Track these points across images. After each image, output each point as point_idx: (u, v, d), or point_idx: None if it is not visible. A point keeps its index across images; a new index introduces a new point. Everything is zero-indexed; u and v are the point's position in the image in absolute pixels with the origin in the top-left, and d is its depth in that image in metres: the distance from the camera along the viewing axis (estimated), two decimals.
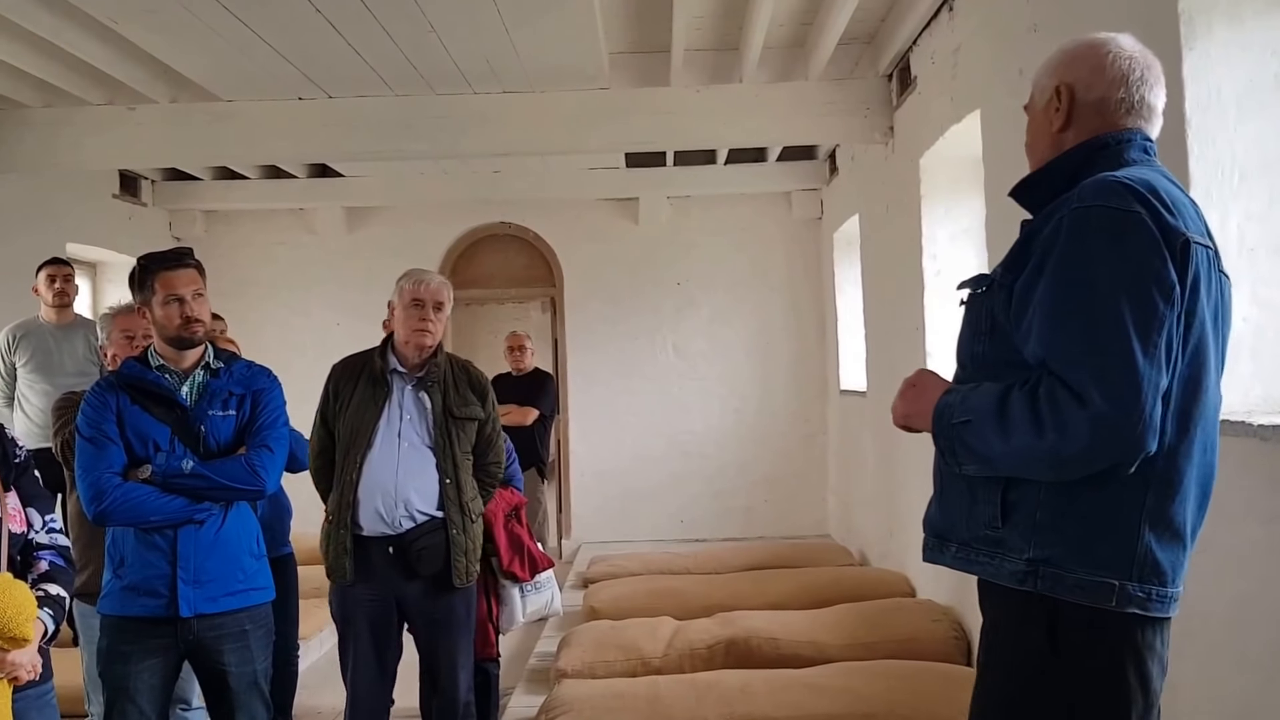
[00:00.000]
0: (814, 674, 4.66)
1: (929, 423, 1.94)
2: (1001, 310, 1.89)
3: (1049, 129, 2.00)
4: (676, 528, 9.38)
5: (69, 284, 5.93)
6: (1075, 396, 1.69)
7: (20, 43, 5.32)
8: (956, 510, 1.97)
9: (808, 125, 6.49)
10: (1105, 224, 1.75)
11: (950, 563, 2.00)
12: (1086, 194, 1.79)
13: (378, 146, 6.47)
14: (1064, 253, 1.77)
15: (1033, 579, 1.83)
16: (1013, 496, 1.86)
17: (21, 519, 2.77)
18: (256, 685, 3.34)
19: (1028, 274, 1.83)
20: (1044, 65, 2.05)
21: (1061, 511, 1.81)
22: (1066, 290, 1.76)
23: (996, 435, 1.80)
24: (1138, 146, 1.94)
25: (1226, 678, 2.67)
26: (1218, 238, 2.73)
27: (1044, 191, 1.97)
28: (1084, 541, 1.80)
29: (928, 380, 2.03)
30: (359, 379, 3.86)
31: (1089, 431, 1.69)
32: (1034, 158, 2.06)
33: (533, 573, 4.67)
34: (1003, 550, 1.87)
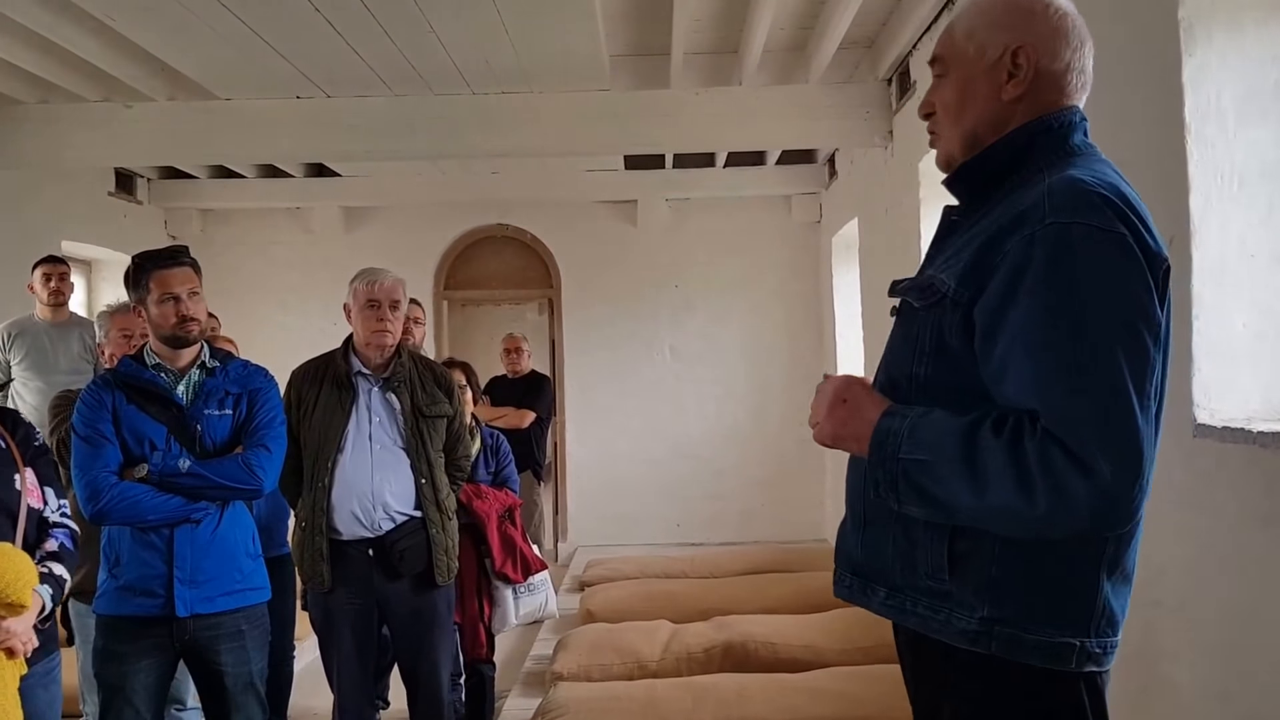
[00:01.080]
0: (811, 678, 4.66)
1: (864, 447, 1.66)
2: (955, 333, 1.64)
3: (995, 95, 1.72)
4: (673, 531, 9.37)
5: (64, 282, 5.92)
6: (1075, 461, 1.46)
7: (16, 38, 5.30)
8: (888, 550, 1.73)
9: (807, 129, 6.48)
10: (1090, 248, 1.52)
11: (879, 609, 1.76)
12: (1059, 206, 1.55)
13: (376, 146, 6.45)
14: (1045, 281, 1.52)
15: (986, 640, 1.61)
16: (962, 547, 1.64)
17: (39, 495, 2.84)
18: (252, 685, 3.34)
19: (993, 297, 1.58)
20: (978, 15, 1.75)
21: (1019, 566, 1.60)
22: (1054, 331, 1.51)
23: (965, 487, 1.54)
24: (1079, 129, 1.73)
25: (1226, 682, 2.67)
26: (1217, 244, 2.75)
27: (978, 180, 1.76)
28: (1044, 599, 1.61)
29: (860, 394, 1.73)
30: (322, 383, 3.84)
31: (1090, 504, 1.46)
32: (960, 128, 1.76)
33: (525, 575, 4.67)
34: (949, 605, 1.64)
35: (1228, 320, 2.73)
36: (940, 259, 1.75)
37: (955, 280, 1.64)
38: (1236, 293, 2.74)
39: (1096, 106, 3.25)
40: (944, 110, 1.79)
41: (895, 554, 1.72)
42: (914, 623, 1.70)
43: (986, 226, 1.66)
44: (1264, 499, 2.48)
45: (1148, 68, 2.98)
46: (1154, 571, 2.99)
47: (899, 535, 1.71)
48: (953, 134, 1.78)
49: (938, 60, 1.80)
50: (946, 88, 1.78)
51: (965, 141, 1.76)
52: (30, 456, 2.87)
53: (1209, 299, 2.74)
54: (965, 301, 1.62)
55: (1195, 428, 2.72)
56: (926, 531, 1.67)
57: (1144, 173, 3.00)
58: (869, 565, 1.77)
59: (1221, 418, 2.69)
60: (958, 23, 1.78)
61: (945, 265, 1.69)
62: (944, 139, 1.81)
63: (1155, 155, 2.94)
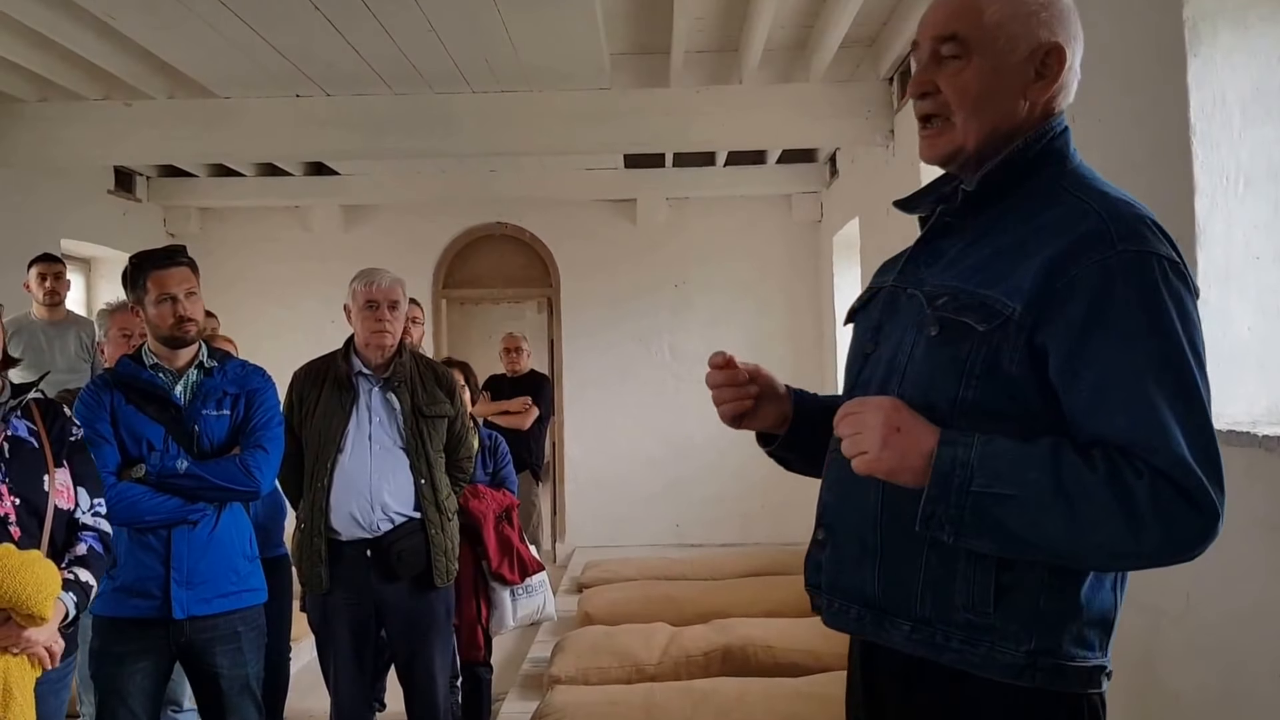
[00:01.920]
0: (811, 683, 4.64)
1: (922, 478, 1.53)
2: (1015, 357, 1.55)
3: (1020, 93, 1.64)
4: (672, 532, 9.35)
5: (59, 282, 5.90)
6: (1189, 500, 1.42)
7: (16, 36, 5.29)
8: (914, 582, 1.62)
9: (808, 127, 6.47)
10: (1170, 283, 1.49)
11: (902, 645, 1.64)
12: (1127, 233, 1.51)
13: (375, 145, 6.44)
14: (1140, 316, 1.48)
15: (1031, 673, 1.55)
16: (1008, 578, 1.56)
17: (70, 495, 2.80)
18: (249, 688, 3.33)
19: (1074, 326, 1.50)
20: (1008, 7, 1.63)
21: (1064, 596, 1.56)
22: (1158, 365, 1.47)
23: (1064, 525, 1.45)
24: (1071, 137, 1.68)
25: (1228, 689, 2.64)
26: (1222, 246, 2.73)
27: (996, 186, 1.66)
28: (1081, 626, 1.57)
29: (911, 421, 1.56)
30: (323, 384, 3.83)
31: (1200, 540, 1.44)
32: (981, 121, 1.65)
33: (522, 576, 4.66)
34: (991, 639, 1.56)
35: (1233, 323, 2.71)
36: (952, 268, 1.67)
37: (1021, 303, 1.54)
38: (1241, 295, 2.72)
39: (1101, 106, 3.25)
40: (960, 96, 1.65)
41: (925, 586, 1.61)
42: (948, 658, 1.60)
43: (1020, 240, 1.59)
44: (1269, 504, 2.46)
45: (1152, 67, 2.96)
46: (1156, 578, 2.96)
47: (933, 566, 1.61)
48: (970, 124, 1.65)
49: (956, 39, 1.64)
50: (966, 72, 1.64)
51: (981, 138, 1.66)
52: (65, 453, 2.83)
53: (1214, 302, 2.71)
54: (1029, 326, 1.54)
55: None
56: (969, 564, 1.58)
57: (1148, 174, 2.99)
58: (887, 598, 1.66)
59: (1226, 421, 2.67)
60: (986, 6, 1.64)
61: (984, 280, 1.60)
62: (958, 128, 1.67)
63: (1160, 156, 2.92)
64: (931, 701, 1.66)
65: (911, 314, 1.69)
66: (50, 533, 2.73)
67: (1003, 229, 1.62)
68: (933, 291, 1.66)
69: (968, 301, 1.60)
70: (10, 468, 2.69)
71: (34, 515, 2.69)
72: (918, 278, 1.71)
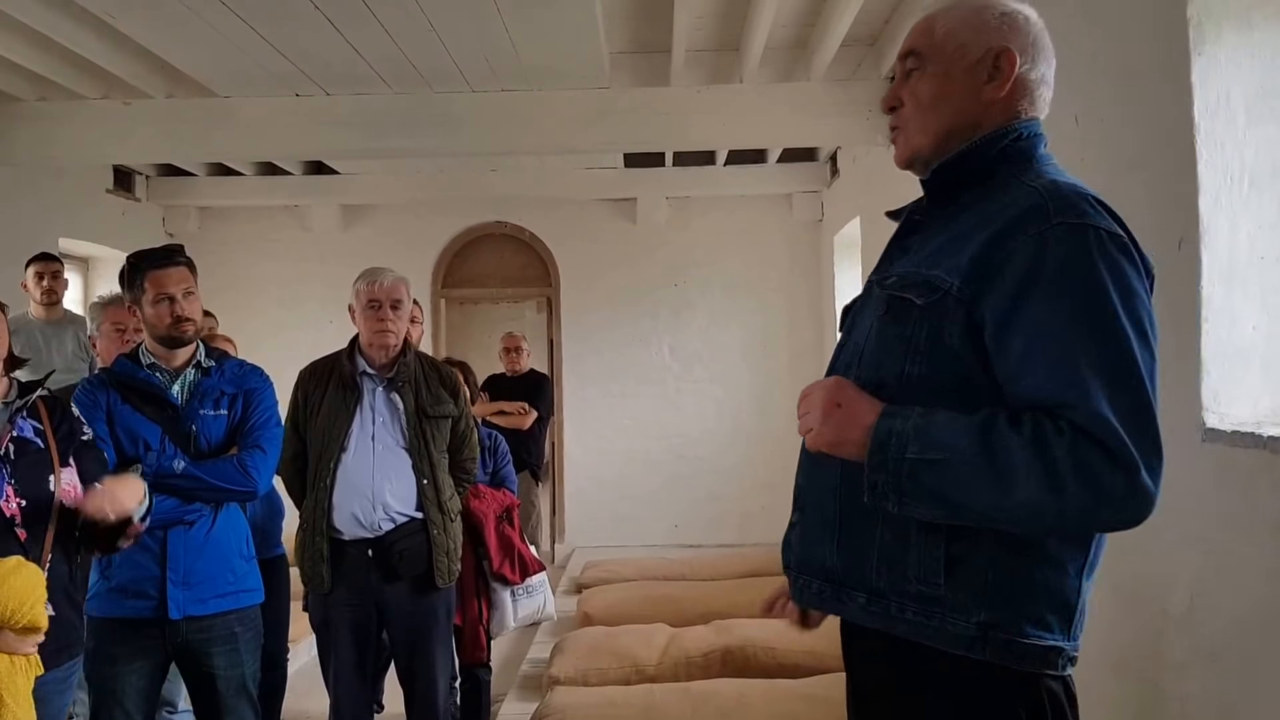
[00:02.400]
0: (812, 684, 4.61)
1: (862, 450, 1.62)
2: (956, 330, 1.63)
3: (974, 95, 1.74)
4: (671, 533, 9.34)
5: (57, 281, 5.89)
6: (1107, 454, 1.47)
7: (15, 36, 5.28)
8: (869, 554, 1.70)
9: (809, 127, 6.45)
10: (1101, 248, 1.56)
11: (858, 616, 1.73)
12: (1064, 208, 1.59)
13: (375, 144, 6.42)
14: (1062, 279, 1.55)
15: (981, 645, 1.61)
16: (958, 549, 1.62)
17: (76, 495, 2.79)
18: (245, 689, 3.32)
19: (1006, 296, 1.58)
20: (961, 16, 1.77)
21: (1014, 571, 1.61)
22: (1083, 331, 1.53)
23: (989, 485, 1.52)
24: (1043, 141, 1.77)
25: (1234, 694, 2.63)
26: (1226, 245, 2.72)
27: (954, 179, 1.76)
28: (1036, 603, 1.62)
29: (854, 397, 1.67)
30: (328, 383, 3.83)
31: (1124, 499, 1.48)
32: (934, 123, 1.77)
33: (523, 576, 4.65)
34: (942, 610, 1.63)
35: (1237, 323, 2.70)
36: (911, 257, 1.76)
37: (959, 278, 1.63)
38: (1246, 295, 2.70)
39: (1104, 105, 3.23)
40: (915, 104, 1.79)
41: (880, 558, 1.69)
42: (902, 629, 1.67)
43: (970, 227, 1.67)
44: (1274, 505, 2.44)
45: (1156, 66, 2.95)
46: (1160, 580, 2.96)
47: (886, 539, 1.68)
48: (923, 127, 1.78)
49: (912, 54, 1.80)
50: (921, 82, 1.78)
51: (937, 138, 1.77)
52: (73, 452, 2.83)
53: (1218, 301, 2.70)
54: (967, 300, 1.62)
55: (1204, 432, 2.68)
56: (920, 535, 1.64)
57: (1152, 173, 2.97)
58: (846, 571, 1.74)
59: (1231, 422, 2.66)
60: (937, 21, 1.78)
61: (932, 263, 1.69)
62: (911, 132, 1.80)
63: (1163, 155, 2.90)
64: (898, 676, 1.72)
65: (873, 302, 1.80)
66: (56, 532, 2.73)
67: (960, 220, 1.71)
68: (883, 277, 1.78)
69: (912, 280, 1.70)
70: (16, 468, 2.69)
71: (40, 515, 2.70)
72: (887, 272, 1.80)
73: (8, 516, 2.64)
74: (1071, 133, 3.44)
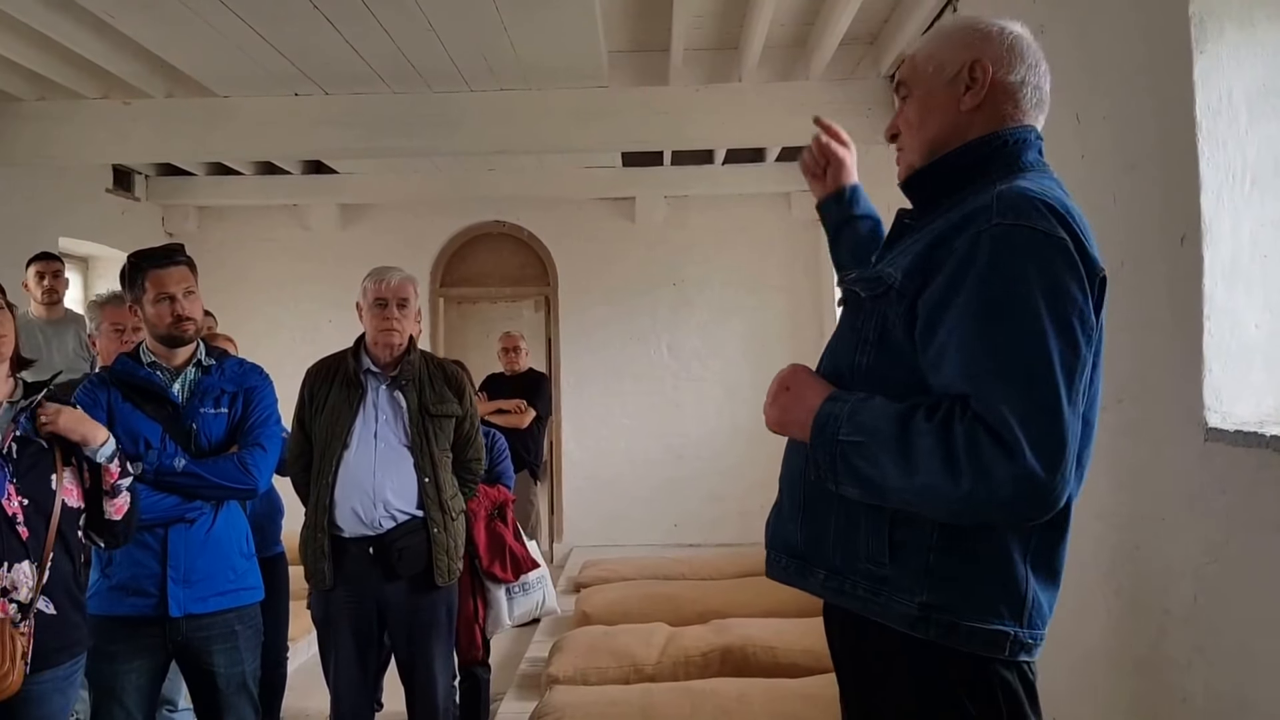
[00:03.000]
0: (812, 684, 4.61)
1: (807, 432, 1.75)
2: (899, 323, 1.72)
3: (954, 107, 1.82)
4: (670, 532, 9.33)
5: (58, 280, 5.88)
6: (1000, 445, 1.53)
7: (15, 35, 5.27)
8: (828, 534, 1.81)
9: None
10: (1032, 249, 1.61)
11: (818, 591, 1.84)
12: (1006, 209, 1.65)
13: (374, 144, 6.41)
14: (987, 276, 1.61)
15: (924, 625, 1.69)
16: (901, 535, 1.72)
17: (78, 494, 2.83)
18: (245, 687, 3.33)
19: (937, 290, 1.66)
20: (937, 40, 1.89)
21: (953, 554, 1.69)
22: (990, 321, 1.60)
23: (896, 467, 1.62)
24: (1034, 148, 1.83)
25: (1238, 693, 2.63)
26: (1229, 244, 2.72)
27: (932, 185, 1.85)
28: (978, 588, 1.69)
29: (804, 381, 1.82)
30: (333, 381, 3.84)
31: (1012, 487, 1.53)
32: (921, 138, 1.87)
33: (516, 574, 4.63)
34: (889, 589, 1.72)
35: (1240, 322, 2.70)
36: (890, 255, 1.86)
37: (901, 273, 1.73)
38: (1249, 293, 2.70)
39: (1106, 104, 3.24)
40: (906, 127, 1.90)
41: (836, 538, 1.80)
42: (854, 604, 1.77)
43: (937, 228, 1.75)
44: (1277, 504, 2.44)
45: (1158, 64, 2.95)
46: (1164, 579, 2.96)
47: (840, 520, 1.79)
48: (914, 144, 1.89)
49: (901, 84, 1.92)
50: (909, 107, 1.89)
51: (925, 150, 1.87)
52: (74, 451, 2.85)
53: (1220, 300, 2.70)
54: (910, 294, 1.71)
55: (1206, 431, 2.69)
56: (867, 517, 1.74)
57: (1154, 171, 2.98)
58: (808, 548, 1.85)
59: (1234, 421, 2.66)
60: (918, 50, 1.91)
61: (893, 260, 1.79)
62: (906, 151, 1.91)
63: (1166, 153, 2.91)
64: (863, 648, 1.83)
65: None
66: (58, 531, 2.76)
67: (935, 224, 1.78)
68: (849, 274, 1.93)
69: (863, 275, 1.84)
70: (19, 468, 2.70)
71: (42, 515, 2.72)
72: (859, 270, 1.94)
73: (9, 515, 2.67)
74: (1074, 131, 3.44)
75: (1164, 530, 2.94)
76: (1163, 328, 2.90)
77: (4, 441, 2.72)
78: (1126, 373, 2.98)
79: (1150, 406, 2.95)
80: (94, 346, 4.01)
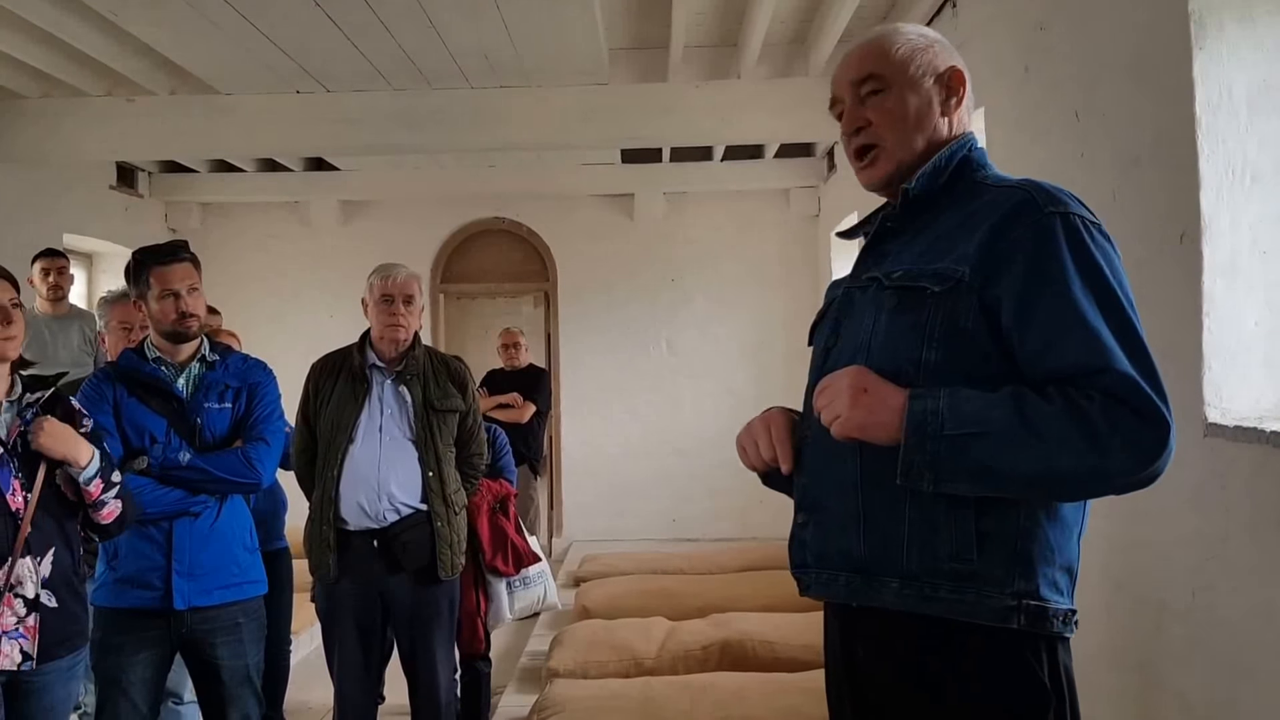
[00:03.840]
0: (810, 678, 4.61)
1: (895, 433, 1.67)
2: (970, 315, 1.71)
3: (935, 112, 1.87)
4: (669, 526, 9.35)
5: (63, 276, 5.90)
6: (1142, 417, 1.58)
7: (20, 33, 5.30)
8: (898, 539, 1.74)
9: (806, 122, 6.45)
10: (1095, 236, 1.70)
11: (892, 602, 1.75)
12: (1050, 199, 1.71)
13: (375, 141, 6.44)
14: (1075, 264, 1.66)
15: (1016, 614, 1.68)
16: (987, 524, 1.69)
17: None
18: (249, 679, 3.34)
19: (1018, 280, 1.68)
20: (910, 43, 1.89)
21: (1039, 541, 1.70)
22: (1096, 302, 1.65)
23: (1029, 454, 1.60)
24: (984, 150, 1.92)
25: (1234, 689, 2.64)
26: (1228, 240, 2.73)
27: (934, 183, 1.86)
28: (1055, 570, 1.71)
29: (879, 383, 1.72)
30: (338, 376, 3.87)
31: (1159, 451, 1.58)
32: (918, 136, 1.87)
33: (518, 568, 4.65)
34: (977, 585, 1.69)
35: (1239, 318, 2.71)
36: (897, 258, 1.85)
37: (968, 266, 1.72)
38: (1249, 290, 2.71)
39: (1106, 101, 3.25)
40: (890, 121, 1.88)
41: (909, 543, 1.73)
42: (938, 609, 1.71)
43: (954, 226, 1.78)
44: (1275, 499, 2.46)
45: (1157, 61, 2.97)
46: (1161, 574, 2.98)
47: (915, 523, 1.73)
48: (905, 144, 1.87)
49: (873, 77, 1.89)
50: (890, 100, 1.87)
51: (918, 153, 1.87)
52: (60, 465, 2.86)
53: (1220, 296, 2.72)
54: (978, 285, 1.71)
55: (1206, 427, 2.70)
56: (948, 514, 1.70)
57: (1154, 168, 2.99)
58: (873, 559, 1.77)
59: (1233, 417, 2.67)
60: (888, 45, 1.90)
61: (931, 258, 1.78)
62: (892, 148, 1.88)
63: (1165, 150, 2.92)
64: (911, 657, 1.76)
65: (869, 301, 1.86)
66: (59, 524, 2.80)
67: (940, 222, 1.83)
68: (887, 273, 1.84)
69: (921, 273, 1.78)
70: (22, 462, 2.72)
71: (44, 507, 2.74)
72: (869, 276, 1.89)
73: (13, 510, 2.68)
74: (1073, 128, 3.46)
75: (1163, 525, 2.96)
76: (1162, 324, 2.90)
77: (9, 437, 2.73)
78: None
79: None
80: (102, 344, 4.03)
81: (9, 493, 2.68)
